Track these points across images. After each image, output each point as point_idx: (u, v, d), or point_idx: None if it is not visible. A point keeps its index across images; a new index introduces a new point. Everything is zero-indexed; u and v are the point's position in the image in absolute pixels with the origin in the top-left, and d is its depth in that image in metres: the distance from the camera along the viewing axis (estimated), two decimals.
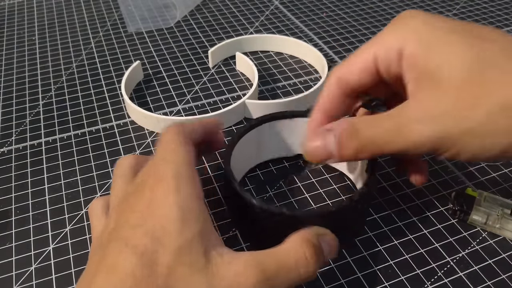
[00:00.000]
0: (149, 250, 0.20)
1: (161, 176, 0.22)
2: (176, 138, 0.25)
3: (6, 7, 0.63)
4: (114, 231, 0.22)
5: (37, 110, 0.43)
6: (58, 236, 0.31)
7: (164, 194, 0.22)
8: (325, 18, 0.58)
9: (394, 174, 0.35)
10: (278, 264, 0.22)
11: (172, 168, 0.23)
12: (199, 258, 0.20)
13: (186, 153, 0.24)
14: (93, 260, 0.22)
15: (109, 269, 0.20)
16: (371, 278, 0.28)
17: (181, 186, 0.22)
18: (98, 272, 0.20)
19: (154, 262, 0.20)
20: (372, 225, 0.31)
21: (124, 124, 0.41)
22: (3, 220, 0.33)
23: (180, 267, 0.20)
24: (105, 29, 0.57)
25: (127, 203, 0.23)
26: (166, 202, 0.21)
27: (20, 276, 0.29)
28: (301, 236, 0.23)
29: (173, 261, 0.20)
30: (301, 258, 0.22)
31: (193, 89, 0.45)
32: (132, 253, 0.20)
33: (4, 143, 0.40)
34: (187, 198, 0.22)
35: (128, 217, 0.22)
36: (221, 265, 0.21)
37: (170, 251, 0.20)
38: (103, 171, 0.36)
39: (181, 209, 0.21)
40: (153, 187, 0.22)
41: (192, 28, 0.56)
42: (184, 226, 0.21)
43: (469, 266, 0.29)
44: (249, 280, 0.21)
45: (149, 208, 0.21)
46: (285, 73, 0.47)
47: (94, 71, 0.49)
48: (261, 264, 0.21)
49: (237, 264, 0.21)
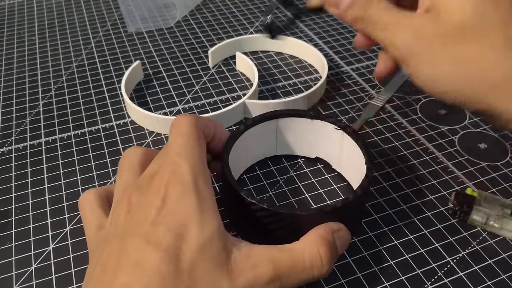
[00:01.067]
0: (172, 246, 0.20)
1: (178, 174, 0.22)
2: (193, 132, 0.25)
3: (6, 7, 0.63)
4: (129, 226, 0.22)
5: (37, 110, 0.43)
6: (58, 236, 0.31)
7: (182, 192, 0.22)
8: (325, 18, 0.58)
9: (394, 174, 0.35)
10: (292, 262, 0.22)
11: (189, 166, 0.23)
12: (220, 253, 0.21)
13: (201, 150, 0.24)
14: (104, 254, 0.22)
15: (134, 265, 0.20)
16: (371, 278, 0.28)
17: (199, 184, 0.22)
18: (121, 268, 0.20)
19: (178, 258, 0.20)
20: (372, 225, 0.31)
21: (124, 124, 0.41)
22: (3, 220, 0.33)
23: (202, 262, 0.21)
24: (105, 29, 0.57)
25: (143, 198, 0.23)
26: (185, 200, 0.22)
27: (20, 276, 0.29)
28: (316, 234, 0.24)
29: (196, 257, 0.21)
30: (315, 257, 0.23)
31: (193, 89, 0.45)
32: (156, 250, 0.20)
33: (4, 143, 0.40)
34: (205, 197, 0.22)
35: (146, 213, 0.22)
36: (239, 259, 0.22)
37: (192, 247, 0.21)
38: (103, 171, 0.36)
39: (200, 208, 0.22)
40: (170, 184, 0.22)
41: (192, 28, 0.56)
42: (204, 223, 0.21)
43: (469, 266, 0.29)
44: (265, 275, 0.22)
45: (167, 205, 0.22)
46: (285, 73, 0.47)
47: (94, 71, 0.49)
48: (275, 260, 0.22)
49: (254, 256, 0.22)
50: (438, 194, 0.33)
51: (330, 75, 0.47)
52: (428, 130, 0.39)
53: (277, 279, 0.22)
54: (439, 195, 0.33)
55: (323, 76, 0.43)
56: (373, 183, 0.34)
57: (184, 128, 0.25)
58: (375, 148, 0.37)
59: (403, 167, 0.36)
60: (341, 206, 0.26)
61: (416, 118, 0.40)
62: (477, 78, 0.22)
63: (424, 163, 0.36)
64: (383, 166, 0.36)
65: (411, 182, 0.34)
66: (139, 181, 0.24)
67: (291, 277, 0.22)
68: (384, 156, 0.37)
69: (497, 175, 0.35)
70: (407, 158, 0.36)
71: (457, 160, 0.36)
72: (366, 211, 0.32)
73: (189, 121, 0.25)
